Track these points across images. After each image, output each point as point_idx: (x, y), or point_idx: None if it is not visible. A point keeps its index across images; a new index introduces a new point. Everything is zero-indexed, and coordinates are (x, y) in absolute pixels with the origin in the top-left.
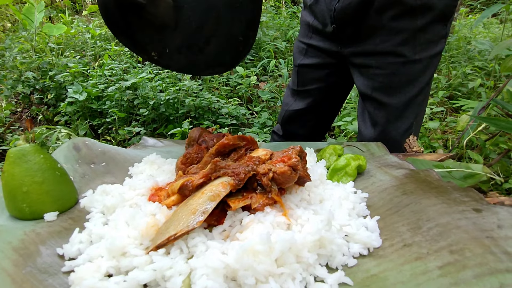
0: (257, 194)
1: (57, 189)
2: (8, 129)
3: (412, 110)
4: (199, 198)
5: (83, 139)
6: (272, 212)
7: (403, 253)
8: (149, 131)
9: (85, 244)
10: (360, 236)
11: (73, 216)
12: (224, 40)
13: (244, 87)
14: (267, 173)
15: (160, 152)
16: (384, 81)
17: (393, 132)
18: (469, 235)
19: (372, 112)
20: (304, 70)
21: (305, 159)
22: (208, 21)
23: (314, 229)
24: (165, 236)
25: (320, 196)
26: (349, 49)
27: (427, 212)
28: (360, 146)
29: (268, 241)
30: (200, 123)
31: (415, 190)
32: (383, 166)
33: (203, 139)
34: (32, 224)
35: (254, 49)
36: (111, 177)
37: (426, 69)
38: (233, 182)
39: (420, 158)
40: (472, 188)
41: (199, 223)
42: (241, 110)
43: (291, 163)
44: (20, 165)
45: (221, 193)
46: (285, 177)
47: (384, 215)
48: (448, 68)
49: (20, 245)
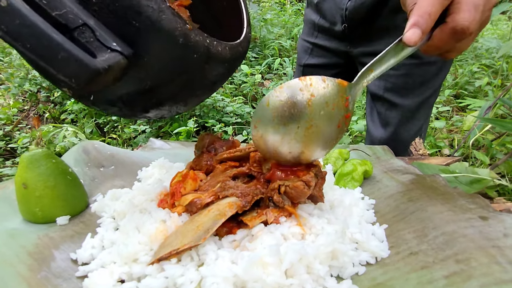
0: (272, 209)
1: (69, 193)
2: (15, 127)
3: (423, 112)
4: (205, 216)
5: (92, 142)
6: (286, 223)
7: (410, 261)
8: (155, 129)
9: (97, 249)
10: (369, 245)
11: (84, 220)
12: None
13: (248, 85)
14: (277, 188)
15: (168, 155)
16: (397, 82)
17: (404, 133)
18: (475, 244)
19: (383, 113)
20: (310, 70)
21: (324, 179)
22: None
23: (328, 240)
24: (168, 249)
25: (330, 202)
26: (359, 48)
27: (433, 219)
28: (366, 150)
29: (277, 253)
30: (205, 122)
31: (421, 196)
32: (389, 171)
33: (212, 146)
34: (45, 228)
35: (258, 47)
36: (120, 180)
37: (440, 71)
38: (240, 203)
39: (426, 162)
40: (478, 194)
41: (202, 240)
42: (245, 108)
43: (305, 178)
44: (33, 170)
45: (227, 212)
46: (297, 192)
47: (391, 222)
48: (454, 66)
49: (35, 250)
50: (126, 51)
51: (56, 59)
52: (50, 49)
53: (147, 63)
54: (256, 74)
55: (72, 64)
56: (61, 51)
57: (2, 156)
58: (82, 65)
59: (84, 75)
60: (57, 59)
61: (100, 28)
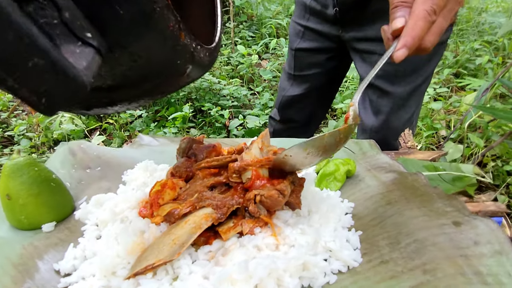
0: (247, 220)
1: (53, 199)
2: (11, 113)
3: (415, 99)
4: (181, 228)
5: (78, 142)
6: (260, 234)
7: (380, 270)
8: (151, 114)
9: (79, 260)
10: (341, 254)
11: (69, 226)
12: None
13: (245, 67)
14: (253, 199)
15: (154, 153)
16: (388, 69)
17: (395, 121)
18: (443, 254)
19: (375, 100)
20: (301, 54)
21: (302, 186)
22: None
23: (299, 253)
24: (144, 264)
25: (308, 207)
26: (350, 33)
27: (408, 225)
28: (352, 145)
29: (246, 270)
30: (201, 105)
31: (400, 199)
32: (372, 169)
33: (192, 152)
34: (30, 236)
35: (255, 25)
36: (106, 181)
37: (431, 58)
38: (216, 216)
39: (412, 158)
40: (456, 196)
41: (177, 255)
42: (242, 91)
43: (279, 187)
44: (15, 179)
45: (203, 225)
46: (272, 201)
47: (367, 226)
48: (456, 43)
49: (19, 261)
50: (102, 46)
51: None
52: None
53: (118, 61)
54: (253, 54)
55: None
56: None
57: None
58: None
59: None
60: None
61: (70, 7)
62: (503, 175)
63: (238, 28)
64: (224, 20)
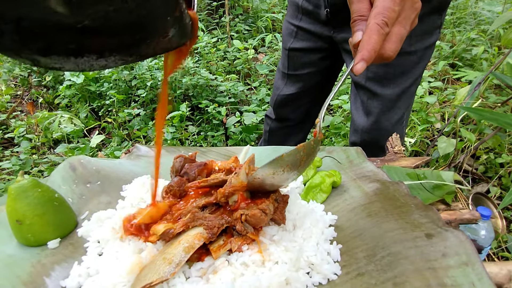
0: (236, 238)
1: (57, 218)
2: (10, 114)
3: (404, 101)
4: (175, 248)
5: (78, 157)
6: (247, 252)
7: (356, 282)
8: (149, 112)
9: (83, 277)
10: (322, 268)
11: (73, 242)
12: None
13: (241, 62)
14: (239, 218)
15: (151, 165)
16: (378, 71)
17: (385, 122)
18: (413, 267)
19: (366, 101)
20: (295, 54)
21: (286, 202)
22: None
23: (282, 270)
24: (143, 283)
25: (293, 221)
26: (342, 34)
27: (384, 238)
28: (340, 153)
29: None
30: (198, 102)
31: (380, 211)
32: (358, 178)
33: (185, 171)
34: (37, 253)
35: (251, 18)
36: (107, 196)
37: (420, 61)
38: (207, 236)
39: (396, 165)
40: (432, 207)
41: (172, 275)
42: (239, 87)
43: (261, 206)
44: (21, 200)
45: (195, 245)
46: (255, 219)
47: (348, 238)
48: (453, 33)
49: (29, 279)
50: None
51: None
52: None
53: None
54: (249, 48)
55: None
56: None
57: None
58: None
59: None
60: None
61: None
62: (496, 167)
63: (233, 21)
64: (220, 14)
